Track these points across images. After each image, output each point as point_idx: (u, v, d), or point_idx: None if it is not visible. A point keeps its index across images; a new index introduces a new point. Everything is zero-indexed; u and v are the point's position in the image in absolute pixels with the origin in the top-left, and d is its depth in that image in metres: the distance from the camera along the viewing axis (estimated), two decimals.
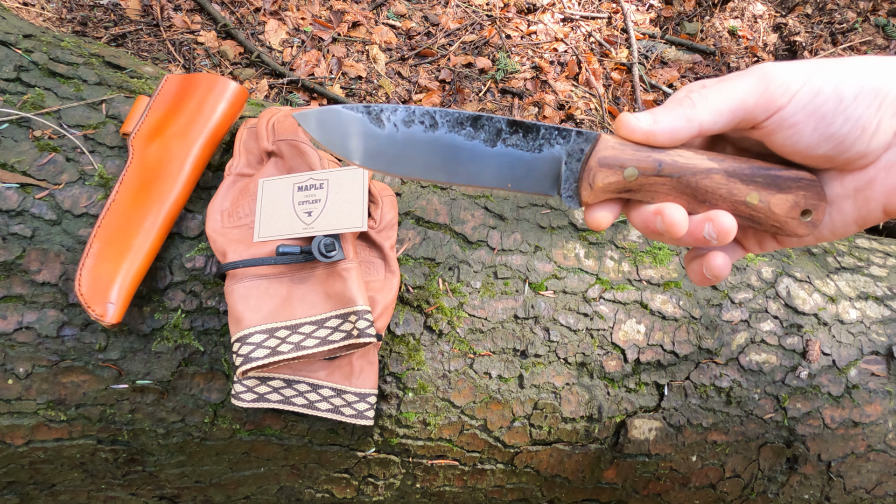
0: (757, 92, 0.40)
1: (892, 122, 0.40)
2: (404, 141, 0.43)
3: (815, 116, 0.40)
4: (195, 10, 2.27)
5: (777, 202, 0.43)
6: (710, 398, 0.85)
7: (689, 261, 0.48)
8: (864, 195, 0.43)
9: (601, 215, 0.45)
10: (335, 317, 0.69)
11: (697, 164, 0.43)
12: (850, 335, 0.89)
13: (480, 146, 0.44)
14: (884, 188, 0.42)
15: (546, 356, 0.82)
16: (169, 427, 0.76)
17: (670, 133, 0.42)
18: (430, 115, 0.43)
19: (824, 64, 0.41)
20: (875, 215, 0.44)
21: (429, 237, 0.82)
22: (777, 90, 0.40)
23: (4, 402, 0.72)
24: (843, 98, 0.39)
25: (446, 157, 0.44)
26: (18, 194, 0.72)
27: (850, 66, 0.40)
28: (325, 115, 0.43)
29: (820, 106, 0.40)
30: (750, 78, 0.41)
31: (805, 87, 0.40)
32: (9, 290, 0.70)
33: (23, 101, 0.77)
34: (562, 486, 0.89)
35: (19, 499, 0.82)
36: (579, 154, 0.44)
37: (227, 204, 0.75)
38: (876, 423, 0.89)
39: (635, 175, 0.43)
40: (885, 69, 0.40)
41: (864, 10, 2.84)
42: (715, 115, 0.41)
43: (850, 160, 0.42)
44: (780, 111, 0.40)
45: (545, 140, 0.44)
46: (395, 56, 2.44)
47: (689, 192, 0.43)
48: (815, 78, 0.40)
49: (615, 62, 2.64)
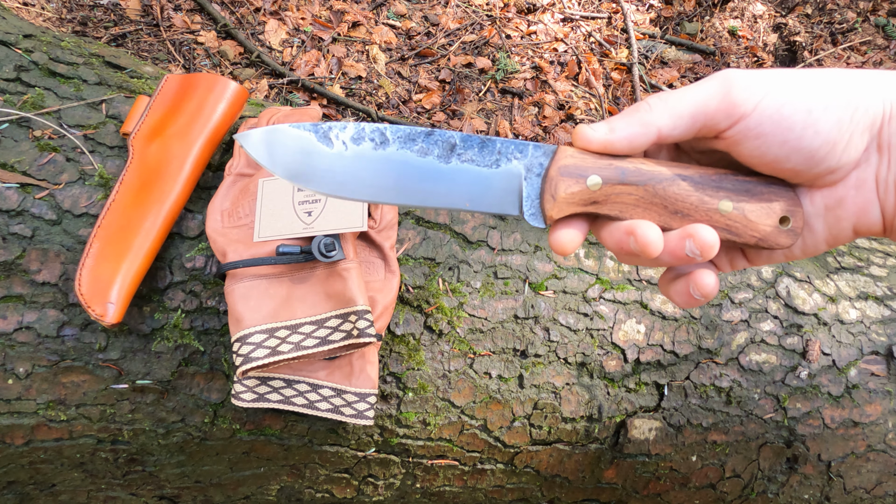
0: (718, 96, 0.39)
1: (863, 138, 0.39)
2: (354, 160, 0.41)
3: (782, 127, 0.38)
4: (195, 10, 2.27)
5: (752, 209, 0.41)
6: (710, 398, 0.85)
7: (669, 282, 0.44)
8: (835, 214, 0.42)
9: (567, 236, 0.42)
10: (335, 317, 0.69)
11: (662, 171, 0.41)
12: (850, 335, 0.89)
13: (434, 163, 0.41)
14: (854, 207, 0.41)
15: (546, 356, 0.82)
16: (169, 427, 0.76)
17: (627, 139, 0.40)
18: (380, 132, 0.41)
19: (793, 73, 0.39)
20: (846, 234, 0.43)
21: (429, 237, 0.82)
22: (740, 95, 0.38)
23: (4, 402, 0.72)
24: (812, 110, 0.38)
25: (398, 176, 0.41)
26: (18, 194, 0.72)
27: (820, 78, 0.39)
28: (271, 136, 0.40)
29: (788, 117, 0.38)
30: (712, 82, 0.40)
31: (770, 95, 0.38)
32: (9, 290, 0.70)
33: (23, 101, 0.77)
34: (562, 486, 0.89)
35: (19, 499, 0.82)
36: (539, 168, 0.42)
37: (227, 204, 0.75)
38: (876, 423, 0.89)
39: (599, 183, 0.41)
40: (855, 82, 0.39)
41: (864, 10, 2.84)
42: (674, 118, 0.40)
43: (820, 175, 0.40)
44: (744, 119, 0.39)
45: (502, 155, 0.42)
46: (395, 56, 2.44)
47: (658, 202, 0.41)
48: (781, 88, 0.38)
49: (615, 62, 2.64)
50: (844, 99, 0.38)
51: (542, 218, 0.42)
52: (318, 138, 0.40)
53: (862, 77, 0.39)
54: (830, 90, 0.38)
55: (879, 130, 0.39)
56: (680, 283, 0.43)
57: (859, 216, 0.41)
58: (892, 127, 0.39)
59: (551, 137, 2.35)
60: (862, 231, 0.42)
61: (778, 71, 0.40)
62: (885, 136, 0.39)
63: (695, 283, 0.42)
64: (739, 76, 0.39)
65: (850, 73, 0.39)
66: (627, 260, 0.43)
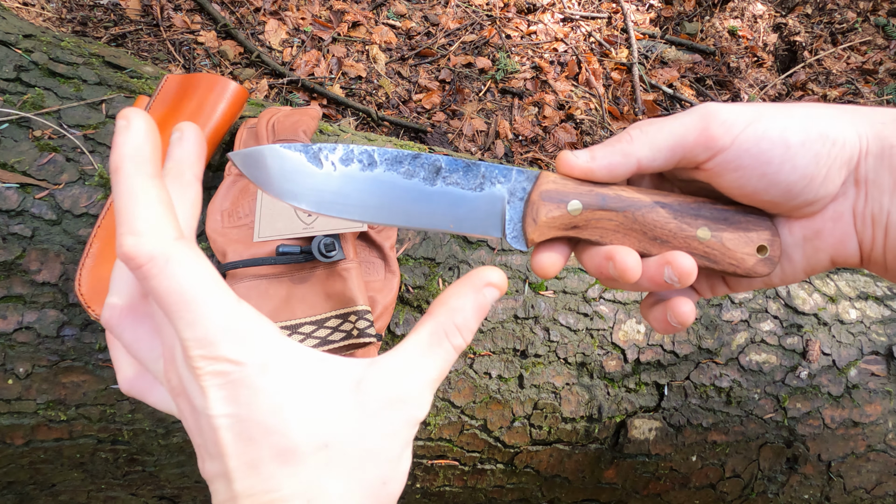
0: (697, 129, 0.39)
1: (841, 173, 0.39)
2: (341, 180, 0.42)
3: (760, 161, 0.39)
4: (195, 10, 2.27)
5: (730, 238, 0.42)
6: (710, 398, 0.85)
7: (649, 307, 0.45)
8: (813, 245, 0.42)
9: (549, 259, 0.43)
10: (335, 317, 0.69)
11: (642, 199, 0.42)
12: (850, 335, 0.89)
13: (420, 185, 0.42)
14: (832, 239, 0.42)
15: (546, 356, 0.82)
16: (169, 427, 0.76)
17: (608, 168, 0.41)
18: (368, 154, 0.42)
19: (770, 108, 0.40)
20: (823, 264, 0.43)
21: (429, 237, 0.82)
22: (717, 130, 0.39)
23: (4, 402, 0.72)
24: (790, 145, 0.38)
25: (385, 197, 0.42)
26: (18, 194, 0.72)
27: (798, 112, 0.39)
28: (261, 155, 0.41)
29: (765, 151, 0.38)
30: (691, 115, 0.40)
31: (748, 129, 0.39)
32: (9, 290, 0.71)
33: (23, 101, 0.77)
34: (562, 486, 0.89)
35: (19, 499, 0.82)
36: (521, 192, 0.43)
37: (227, 204, 0.75)
38: (876, 423, 0.89)
39: (580, 209, 0.42)
40: (832, 117, 0.39)
41: (864, 10, 2.84)
42: (654, 150, 0.40)
43: (798, 206, 0.41)
44: (723, 153, 0.39)
45: (486, 179, 0.43)
46: (395, 56, 2.44)
47: (637, 227, 0.42)
48: (759, 122, 0.39)
49: (615, 62, 2.64)
50: (822, 134, 0.38)
51: (524, 241, 0.43)
52: (309, 159, 0.41)
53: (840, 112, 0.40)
54: (808, 126, 0.39)
55: (857, 165, 0.39)
56: (658, 309, 0.44)
57: (836, 248, 0.42)
58: (868, 162, 0.39)
59: (551, 137, 2.35)
60: (839, 262, 0.42)
61: (758, 105, 0.40)
62: (861, 171, 0.40)
63: (672, 310, 0.43)
64: (718, 110, 0.40)
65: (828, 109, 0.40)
66: (608, 284, 0.44)
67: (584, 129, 2.37)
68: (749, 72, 2.71)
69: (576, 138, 2.36)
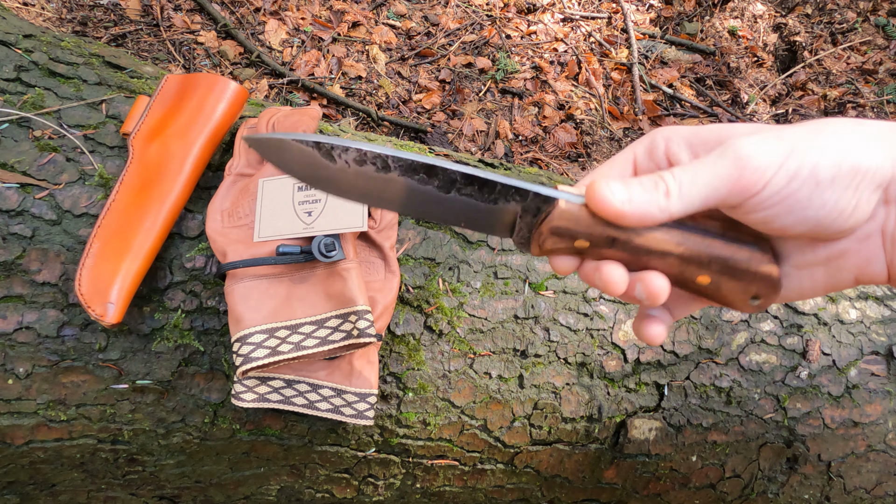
0: (731, 180, 0.38)
1: (871, 199, 0.38)
2: (356, 176, 0.42)
3: (790, 200, 0.38)
4: (195, 10, 2.27)
5: (729, 286, 0.42)
6: (710, 398, 0.85)
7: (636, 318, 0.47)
8: (837, 264, 0.42)
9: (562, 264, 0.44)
10: (335, 317, 0.69)
11: (652, 246, 0.41)
12: (850, 335, 0.89)
13: (434, 191, 0.43)
14: (857, 259, 0.41)
15: (546, 356, 0.82)
16: (169, 427, 0.76)
17: (640, 219, 0.40)
18: (381, 159, 0.41)
19: (802, 139, 0.38)
20: (846, 283, 0.42)
21: (429, 237, 0.82)
22: (751, 177, 0.38)
23: (4, 402, 0.72)
24: (820, 182, 0.37)
25: (399, 195, 0.43)
26: (18, 194, 0.72)
27: (830, 143, 0.38)
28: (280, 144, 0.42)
29: (796, 191, 0.37)
30: (724, 160, 0.38)
31: (781, 171, 0.38)
32: (9, 290, 0.71)
33: (23, 101, 0.77)
34: (562, 486, 0.89)
35: (19, 499, 0.82)
36: (535, 210, 0.42)
37: (227, 204, 0.75)
38: (876, 423, 0.89)
39: (587, 246, 0.42)
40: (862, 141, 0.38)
41: (864, 10, 2.84)
42: (686, 205, 0.39)
43: (827, 237, 0.40)
44: (755, 197, 0.38)
45: (501, 196, 0.42)
46: (395, 56, 2.44)
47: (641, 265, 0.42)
48: (791, 160, 0.37)
49: (615, 62, 2.64)
50: (853, 167, 0.37)
51: (528, 250, 0.44)
52: (322, 155, 0.42)
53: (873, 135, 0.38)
54: (839, 160, 0.37)
55: (887, 186, 0.38)
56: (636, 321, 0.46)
57: (862, 267, 0.41)
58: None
59: (551, 137, 2.35)
60: (864, 280, 0.42)
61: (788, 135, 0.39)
62: (891, 191, 0.39)
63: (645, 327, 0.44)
64: (752, 154, 0.38)
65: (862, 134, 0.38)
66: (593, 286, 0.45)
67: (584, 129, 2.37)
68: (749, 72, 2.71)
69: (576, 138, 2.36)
